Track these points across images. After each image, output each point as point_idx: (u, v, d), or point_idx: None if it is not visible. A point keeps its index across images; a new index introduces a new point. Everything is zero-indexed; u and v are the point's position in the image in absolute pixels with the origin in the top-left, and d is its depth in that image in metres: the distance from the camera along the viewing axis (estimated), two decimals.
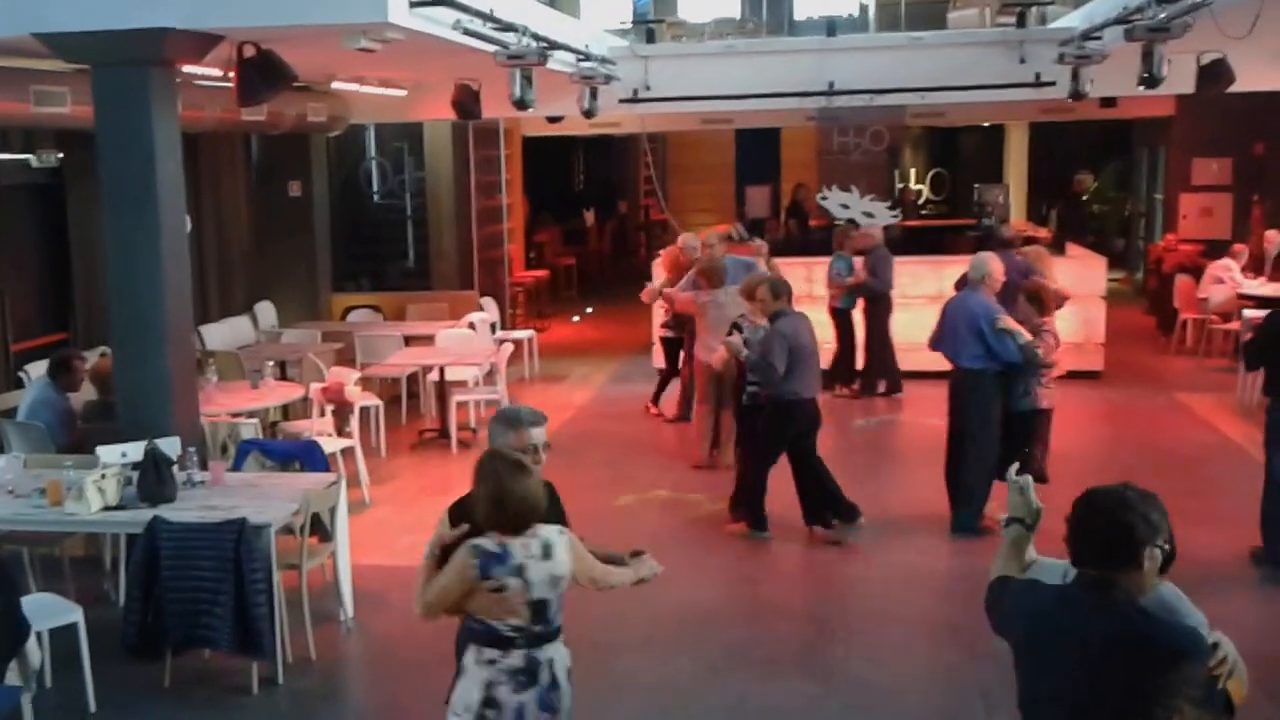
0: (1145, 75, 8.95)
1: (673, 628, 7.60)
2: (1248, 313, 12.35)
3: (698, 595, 8.09)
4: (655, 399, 12.77)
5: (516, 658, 4.25)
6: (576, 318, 19.46)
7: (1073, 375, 13.45)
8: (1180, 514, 8.91)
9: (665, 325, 12.63)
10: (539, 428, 4.71)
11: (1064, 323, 13.55)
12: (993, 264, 8.86)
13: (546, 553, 4.24)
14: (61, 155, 11.13)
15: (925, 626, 7.42)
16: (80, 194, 11.33)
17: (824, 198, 14.99)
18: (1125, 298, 19.01)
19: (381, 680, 7.02)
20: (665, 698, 6.64)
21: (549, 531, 4.31)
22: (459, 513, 4.42)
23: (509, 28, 8.89)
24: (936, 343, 9.00)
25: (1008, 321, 8.51)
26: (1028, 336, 8.46)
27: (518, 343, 14.33)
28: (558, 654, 4.38)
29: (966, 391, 8.72)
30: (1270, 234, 14.15)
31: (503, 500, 4.20)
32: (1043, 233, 17.26)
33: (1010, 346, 8.45)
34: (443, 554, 4.31)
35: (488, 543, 4.19)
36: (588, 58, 11.42)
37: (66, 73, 9.07)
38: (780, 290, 8.74)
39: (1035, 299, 8.73)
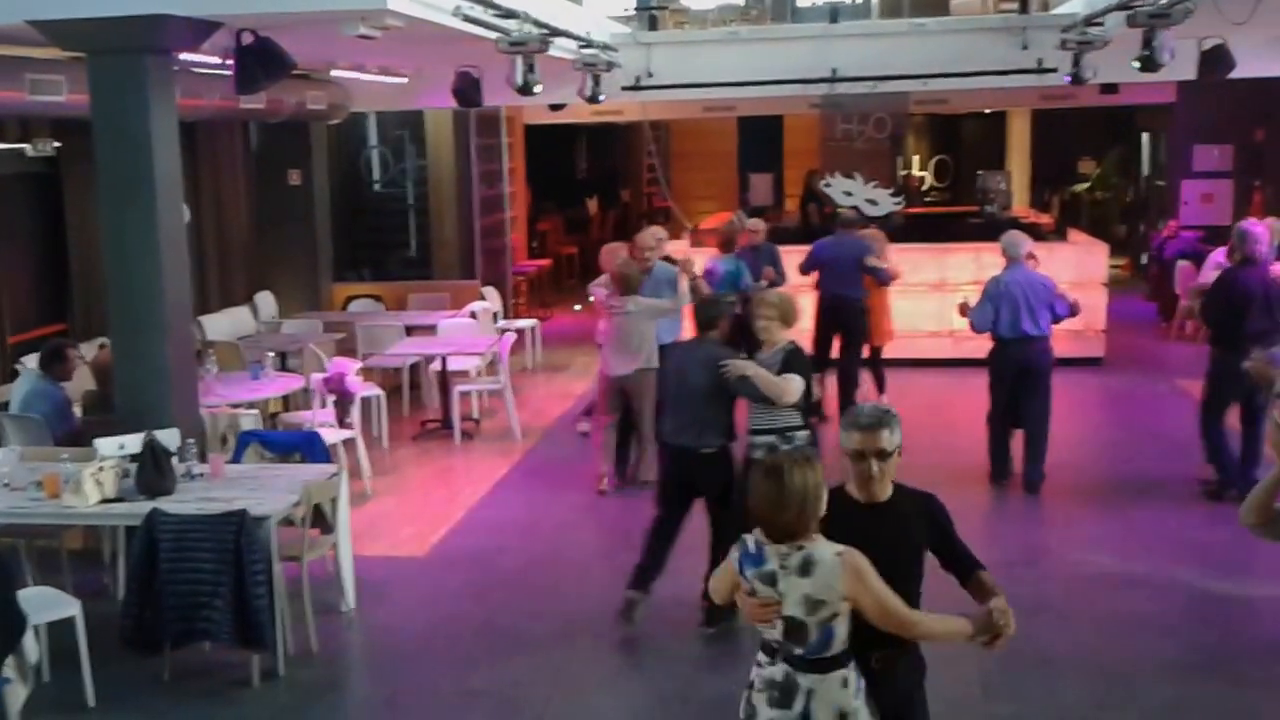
0: (1144, 55, 8.91)
1: (669, 617, 7.55)
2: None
3: (693, 585, 8.05)
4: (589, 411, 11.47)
5: (777, 671, 3.98)
6: (579, 307, 19.40)
7: (1074, 362, 13.49)
8: (1176, 499, 8.89)
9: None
10: (888, 429, 4.21)
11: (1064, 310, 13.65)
12: (1025, 239, 9.83)
13: (805, 569, 3.87)
14: (58, 144, 11.06)
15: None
16: (77, 183, 11.28)
17: (827, 185, 14.94)
18: (1126, 284, 18.95)
19: (383, 672, 6.98)
20: (664, 686, 6.63)
21: (822, 549, 3.90)
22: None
23: (510, 14, 8.82)
24: (993, 323, 9.43)
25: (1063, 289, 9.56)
26: (1073, 297, 9.56)
27: (520, 332, 14.28)
28: (822, 690, 3.94)
29: (1043, 356, 9.45)
30: (1269, 221, 14.08)
31: (770, 499, 3.90)
32: (1045, 219, 17.20)
33: (1064, 307, 9.45)
34: None
35: (751, 539, 3.97)
36: (590, 45, 11.36)
37: (63, 61, 9.01)
38: (705, 311, 7.66)
39: None
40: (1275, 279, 9.13)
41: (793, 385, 6.87)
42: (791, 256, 11.84)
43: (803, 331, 8.41)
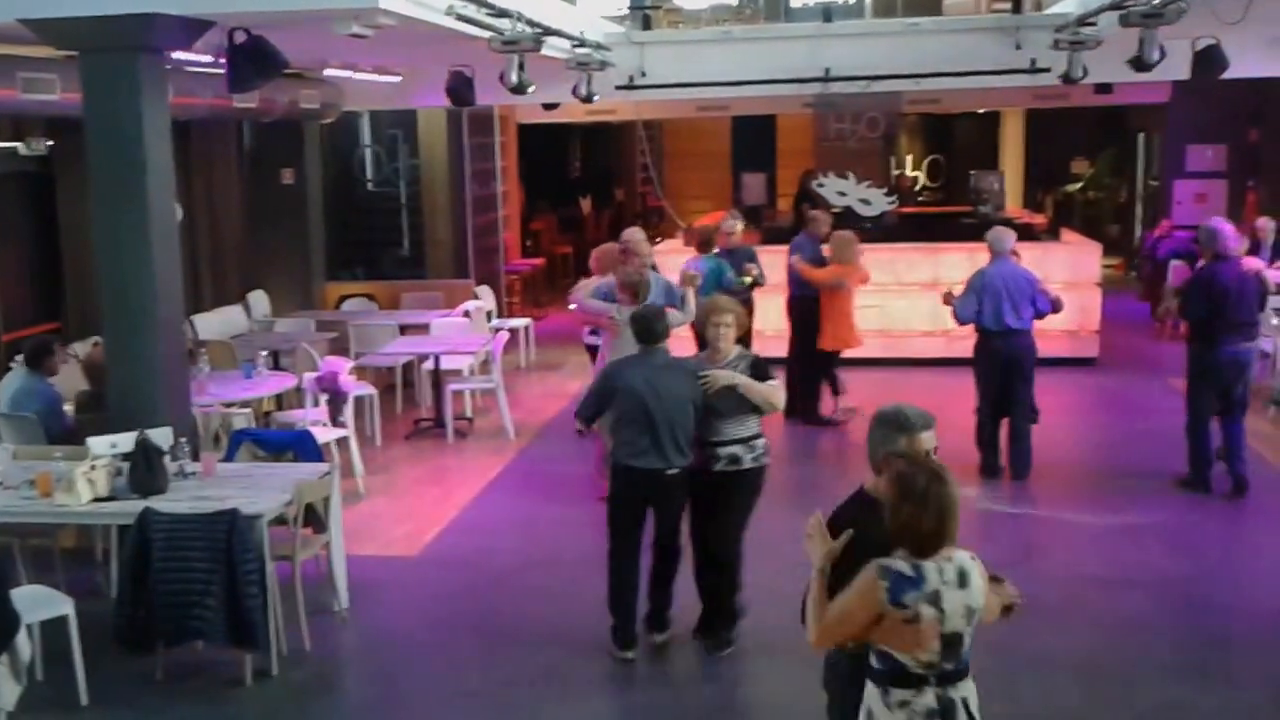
0: (1136, 57, 8.93)
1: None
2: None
3: (689, 582, 8.06)
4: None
5: (929, 697, 3.82)
6: (573, 306, 19.38)
7: (1068, 362, 13.51)
8: (1171, 499, 8.88)
9: (592, 332, 10.69)
10: (930, 431, 4.21)
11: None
12: (1011, 234, 10.14)
13: (963, 580, 3.80)
14: (51, 143, 11.05)
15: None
16: (70, 182, 11.26)
17: (820, 184, 14.95)
18: (1120, 284, 18.98)
19: (376, 672, 6.97)
20: (656, 687, 6.64)
21: (962, 556, 3.85)
22: (839, 522, 4.01)
23: (503, 13, 8.81)
24: (977, 315, 9.70)
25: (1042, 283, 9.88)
26: (1055, 293, 9.90)
27: (514, 331, 14.29)
28: (970, 692, 3.94)
29: (1028, 349, 9.73)
30: (1261, 221, 14.12)
31: (920, 515, 3.75)
32: (1038, 219, 17.22)
33: (1046, 303, 9.70)
34: (834, 570, 3.90)
35: (899, 563, 3.77)
36: (583, 44, 11.36)
37: (56, 59, 9.00)
38: (637, 323, 6.95)
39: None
40: (1248, 274, 9.41)
41: (782, 392, 6.85)
42: (773, 257, 11.85)
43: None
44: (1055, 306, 9.77)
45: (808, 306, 11.54)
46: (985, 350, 9.83)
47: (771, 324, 12.18)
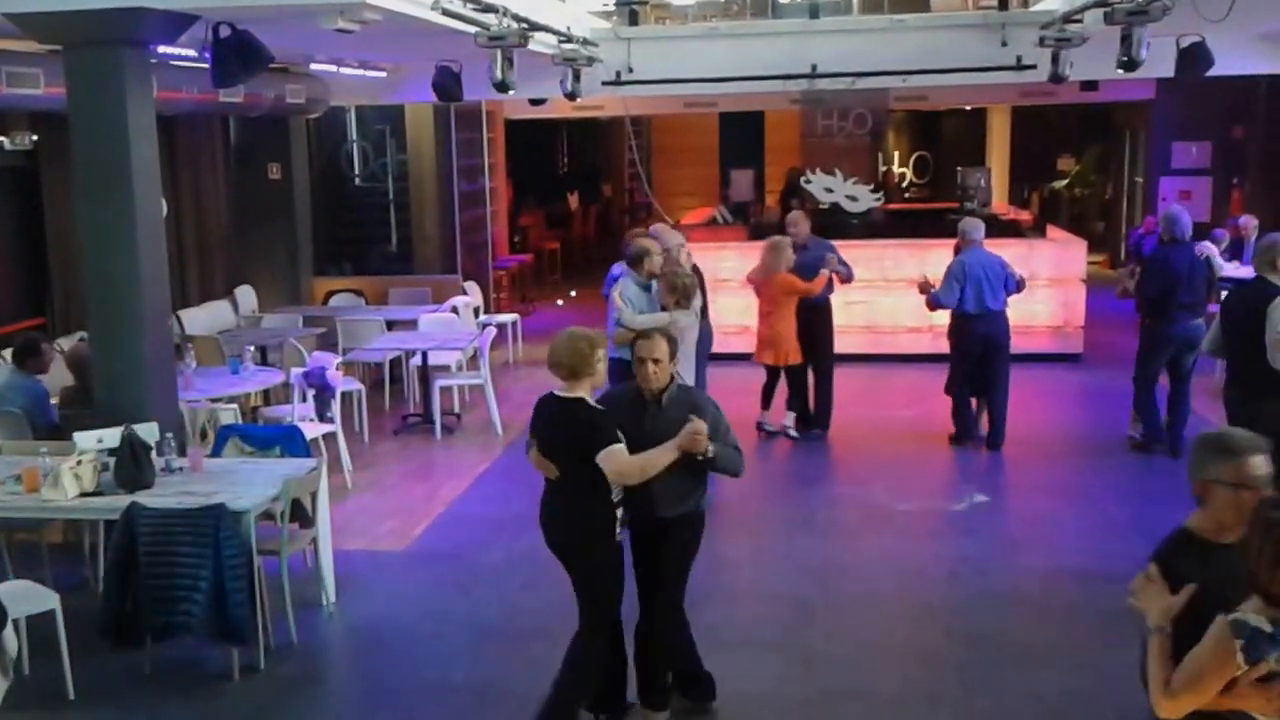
0: (1124, 59, 8.95)
1: None
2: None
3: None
4: None
5: None
6: (560, 301, 19.41)
7: (1053, 358, 13.57)
8: (1157, 494, 8.94)
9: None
10: (1261, 456, 3.68)
11: (1044, 306, 13.74)
12: (981, 224, 10.82)
13: None
14: (35, 138, 11.03)
15: (903, 609, 7.43)
16: (55, 177, 11.24)
17: (807, 181, 14.97)
18: (1105, 280, 19.02)
19: (364, 666, 6.99)
20: None
21: None
22: (1167, 568, 3.64)
23: (489, 8, 8.82)
24: (950, 298, 10.34)
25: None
26: (1020, 273, 10.52)
27: (501, 327, 14.29)
28: None
29: (1005, 328, 10.46)
30: (1244, 219, 14.19)
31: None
32: (1024, 216, 17.27)
33: (1014, 283, 10.40)
34: (1175, 627, 3.48)
35: (1254, 617, 3.27)
36: (570, 39, 11.36)
37: (40, 54, 8.98)
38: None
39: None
40: (1199, 258, 10.19)
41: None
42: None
43: None
44: (1020, 285, 10.45)
45: (816, 315, 10.93)
46: (966, 333, 10.45)
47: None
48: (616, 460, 5.39)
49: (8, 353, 9.72)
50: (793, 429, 10.98)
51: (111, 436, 7.09)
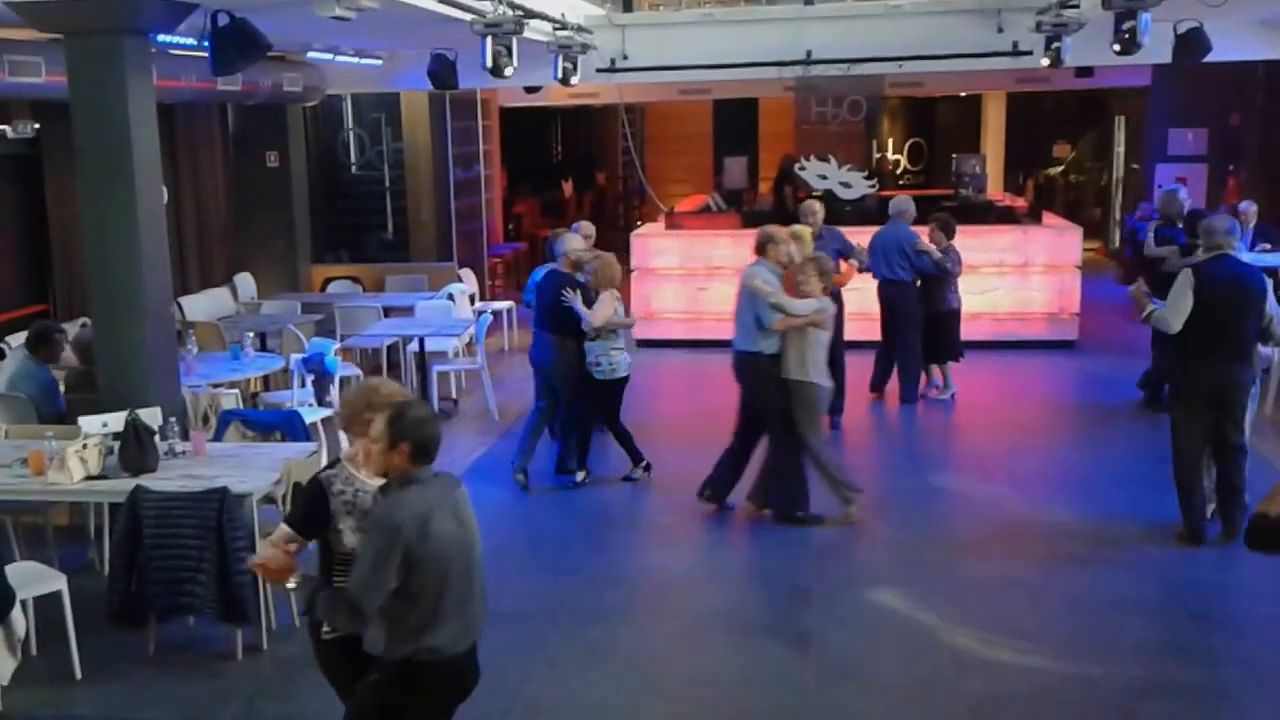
0: (1124, 39, 8.98)
1: (650, 595, 7.68)
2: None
3: (675, 564, 8.17)
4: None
5: None
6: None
7: (1048, 345, 13.64)
8: (1148, 482, 8.96)
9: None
10: None
11: (1039, 293, 13.82)
12: (910, 203, 11.80)
13: None
14: (38, 126, 11.07)
15: (900, 593, 7.47)
16: (57, 165, 11.29)
17: (801, 168, 15.02)
18: (1100, 267, 19.11)
19: None
20: (642, 665, 6.70)
21: None
22: None
23: None
24: (870, 266, 11.35)
25: (925, 244, 11.29)
26: (938, 254, 11.28)
27: (497, 314, 14.35)
28: None
29: (897, 297, 11.47)
30: (1244, 205, 14.22)
31: None
32: (1019, 203, 17.32)
33: (927, 262, 11.29)
34: None
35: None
36: (565, 26, 11.40)
37: (41, 42, 9.03)
38: None
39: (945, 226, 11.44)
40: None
41: None
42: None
43: None
44: (938, 266, 11.28)
45: None
46: (878, 296, 11.66)
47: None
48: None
49: (13, 339, 9.81)
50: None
51: (116, 421, 7.18)
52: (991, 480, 9.52)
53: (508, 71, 9.45)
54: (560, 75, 12.05)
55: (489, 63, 9.44)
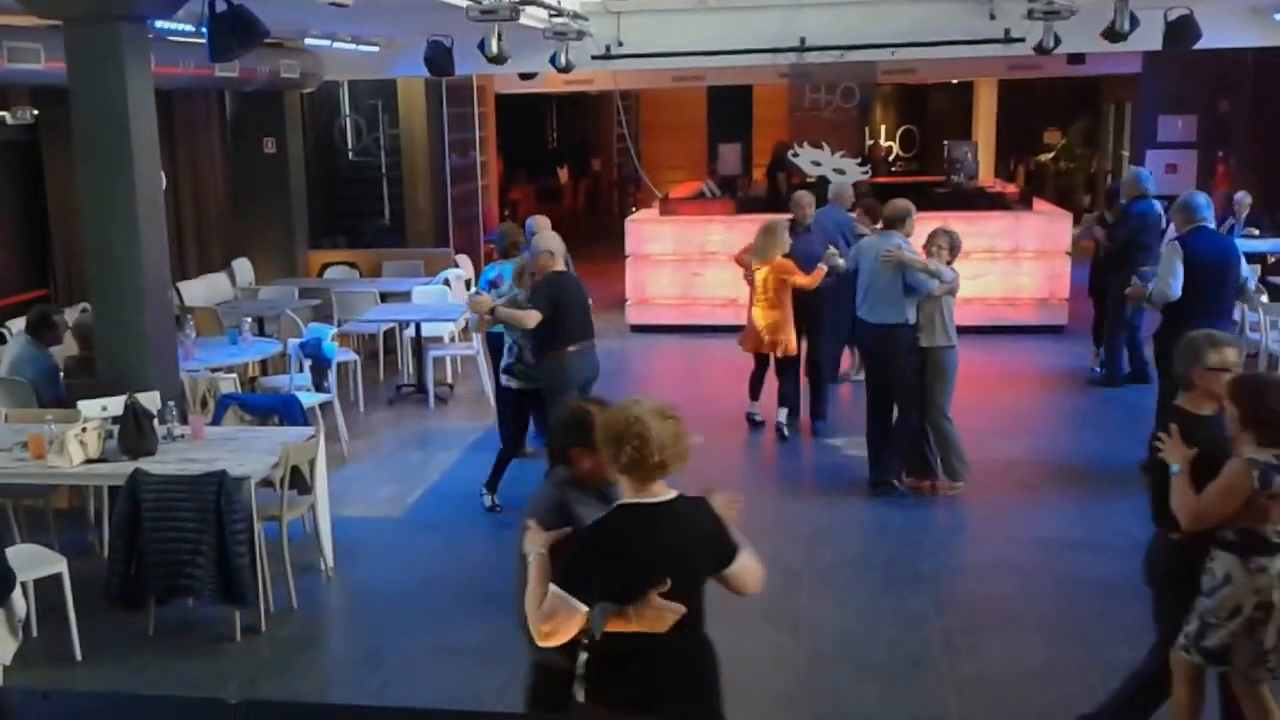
0: (1110, 27, 9.07)
1: None
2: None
3: None
4: None
5: None
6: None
7: (1037, 330, 13.72)
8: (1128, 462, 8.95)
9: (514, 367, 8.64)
10: (1234, 349, 5.08)
11: (1029, 279, 13.90)
12: (847, 187, 12.02)
13: None
14: (36, 112, 11.12)
15: (891, 575, 7.55)
16: (56, 150, 11.33)
17: (795, 154, 15.07)
18: (1089, 253, 19.12)
19: (362, 628, 7.15)
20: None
21: None
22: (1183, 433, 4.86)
23: None
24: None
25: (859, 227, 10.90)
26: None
27: None
28: None
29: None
30: (1239, 195, 14.29)
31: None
32: (1010, 189, 17.38)
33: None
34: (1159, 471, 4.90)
35: (1265, 455, 4.61)
36: (560, 13, 11.44)
37: (40, 28, 9.06)
38: None
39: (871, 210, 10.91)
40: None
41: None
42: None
43: None
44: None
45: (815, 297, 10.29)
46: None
47: None
48: (752, 564, 4.09)
49: (13, 324, 9.86)
50: (786, 428, 10.30)
51: (115, 405, 7.24)
52: (978, 463, 9.59)
53: (493, 52, 9.43)
54: (562, 63, 12.09)
55: (493, 50, 9.50)
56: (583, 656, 3.85)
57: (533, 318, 8.00)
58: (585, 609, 3.68)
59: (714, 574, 3.94)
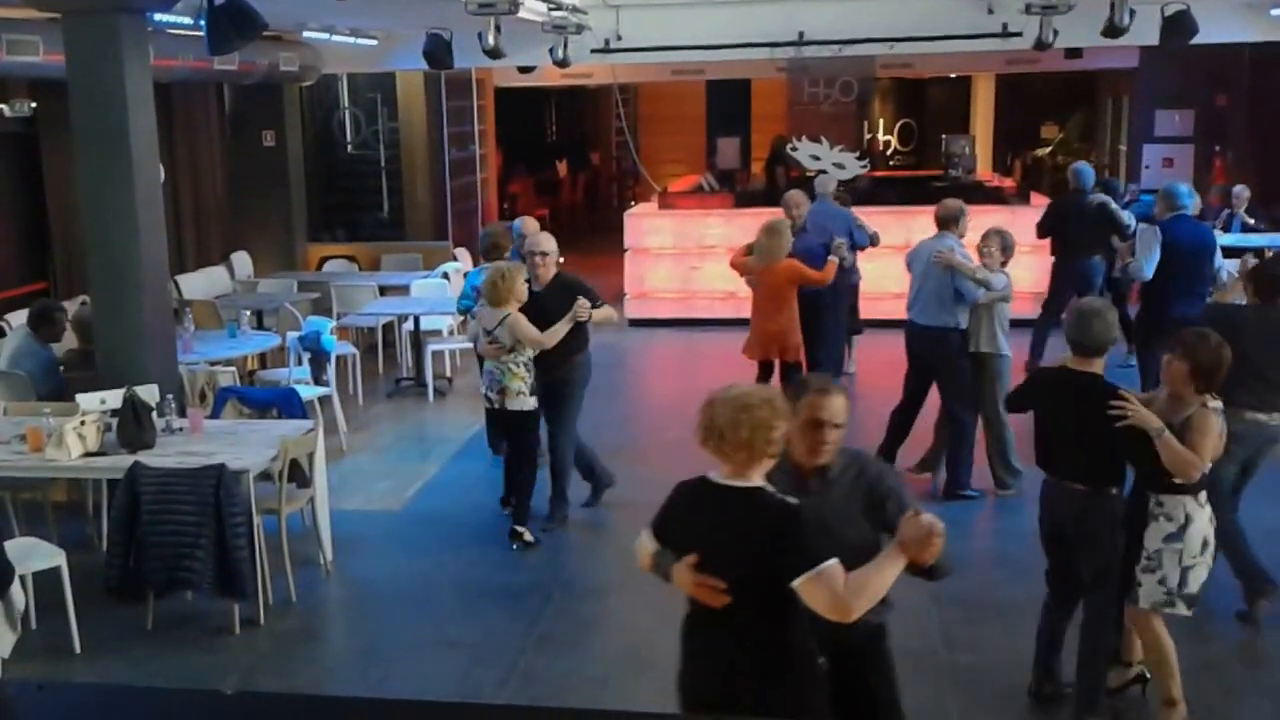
0: (1108, 25, 9.10)
1: (641, 571, 7.74)
2: None
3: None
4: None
5: None
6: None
7: (1031, 323, 13.69)
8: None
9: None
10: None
11: (1024, 271, 13.88)
12: (831, 183, 12.25)
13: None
14: (35, 104, 11.12)
15: None
16: (55, 143, 11.33)
17: (793, 149, 15.08)
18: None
19: (360, 621, 7.18)
20: (634, 638, 6.76)
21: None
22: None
23: None
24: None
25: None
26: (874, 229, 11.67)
27: None
28: None
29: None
30: (1238, 189, 14.29)
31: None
32: (1008, 183, 17.40)
33: (864, 236, 11.79)
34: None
35: (1216, 402, 5.43)
36: (559, 7, 11.43)
37: (39, 21, 9.07)
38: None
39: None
40: (1094, 205, 11.75)
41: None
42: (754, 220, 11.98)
43: None
44: (873, 240, 11.81)
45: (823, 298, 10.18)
46: None
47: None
48: (833, 585, 3.67)
49: (13, 316, 9.87)
50: None
51: (114, 398, 7.24)
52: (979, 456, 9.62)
53: (489, 43, 9.41)
54: (561, 57, 12.09)
55: (489, 43, 9.49)
56: None
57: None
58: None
59: (771, 577, 3.72)
